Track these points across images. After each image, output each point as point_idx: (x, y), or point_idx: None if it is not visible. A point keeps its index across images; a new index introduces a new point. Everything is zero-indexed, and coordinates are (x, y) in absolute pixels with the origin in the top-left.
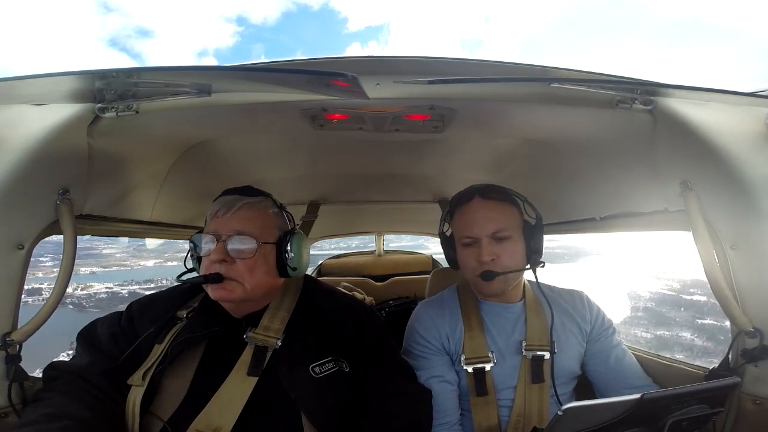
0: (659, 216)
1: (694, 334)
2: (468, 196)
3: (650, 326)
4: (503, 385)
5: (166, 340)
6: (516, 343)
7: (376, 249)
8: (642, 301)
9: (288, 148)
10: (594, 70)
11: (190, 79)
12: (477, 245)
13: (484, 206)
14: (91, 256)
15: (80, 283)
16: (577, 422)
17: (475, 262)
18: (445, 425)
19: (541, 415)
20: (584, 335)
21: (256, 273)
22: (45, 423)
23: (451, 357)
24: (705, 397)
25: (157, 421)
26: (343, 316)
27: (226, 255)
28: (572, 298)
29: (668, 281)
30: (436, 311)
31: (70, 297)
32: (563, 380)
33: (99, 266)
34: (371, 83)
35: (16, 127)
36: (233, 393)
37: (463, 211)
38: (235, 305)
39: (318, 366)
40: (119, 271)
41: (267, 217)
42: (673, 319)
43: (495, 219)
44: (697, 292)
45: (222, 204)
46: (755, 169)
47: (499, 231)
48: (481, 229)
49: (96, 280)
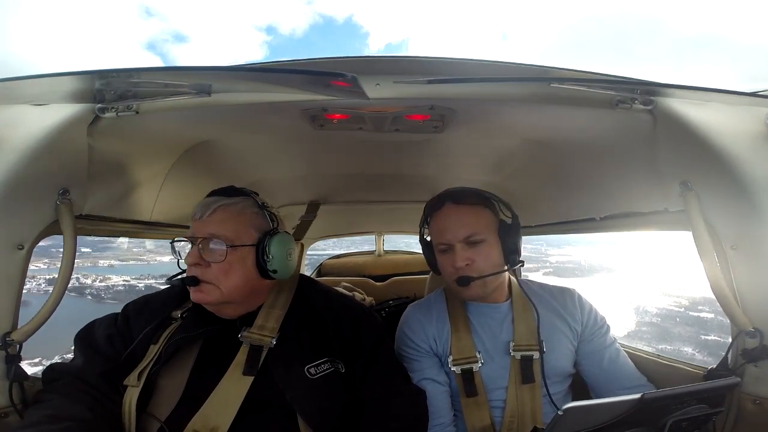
0: (659, 216)
1: (696, 349)
2: (440, 202)
3: (653, 341)
4: (493, 386)
5: (161, 340)
6: (504, 343)
7: (376, 249)
8: (649, 316)
9: (288, 148)
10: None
11: (190, 79)
12: (451, 251)
13: (455, 211)
14: (109, 249)
15: (99, 275)
16: (577, 422)
17: (451, 268)
18: (439, 426)
19: (535, 415)
20: (575, 334)
21: (232, 276)
22: (47, 424)
23: (440, 359)
24: (705, 397)
25: (155, 421)
26: (339, 317)
27: (200, 258)
28: (563, 296)
29: (677, 298)
30: (423, 314)
31: (90, 288)
32: (555, 380)
33: (117, 259)
34: (371, 83)
35: (16, 127)
36: (229, 393)
37: (436, 218)
38: (215, 308)
39: (314, 367)
40: (136, 265)
41: (244, 218)
42: (678, 334)
43: (467, 224)
44: (705, 309)
45: (200, 207)
46: (755, 169)
47: (472, 235)
48: (453, 235)
49: (114, 272)
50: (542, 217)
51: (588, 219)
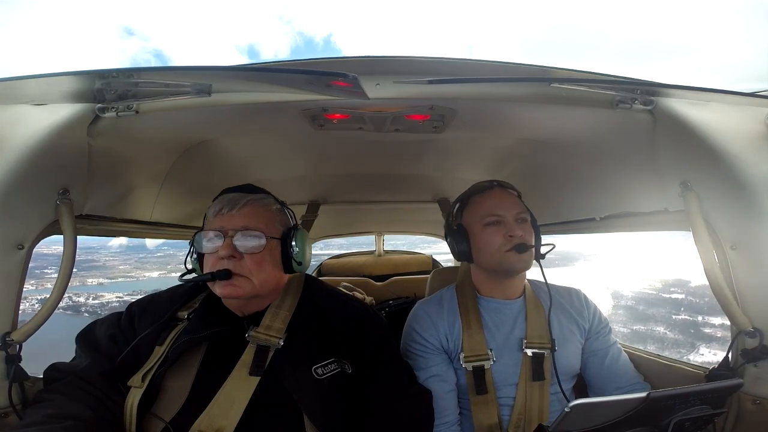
0: (659, 216)
1: (667, 328)
2: (488, 185)
3: (628, 323)
4: (503, 383)
5: (167, 341)
6: (516, 340)
7: (376, 249)
8: (624, 300)
9: (288, 148)
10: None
11: (190, 79)
12: (503, 224)
13: (504, 193)
14: (95, 267)
15: (90, 293)
16: (583, 419)
17: (502, 239)
18: (444, 425)
19: (542, 413)
20: (583, 333)
21: (264, 268)
22: (48, 423)
23: (449, 356)
24: (708, 397)
25: (158, 422)
26: (345, 317)
27: (234, 251)
28: (570, 295)
29: (651, 282)
30: (434, 310)
31: (84, 306)
32: (564, 378)
33: (105, 277)
34: (371, 83)
35: (16, 127)
36: (235, 393)
37: (483, 197)
38: (243, 302)
39: (321, 367)
40: (125, 282)
41: (271, 213)
42: (652, 315)
43: (516, 204)
44: (677, 291)
45: (226, 201)
46: (755, 169)
47: (520, 213)
48: (506, 210)
49: (105, 290)
50: (542, 217)
51: (588, 219)
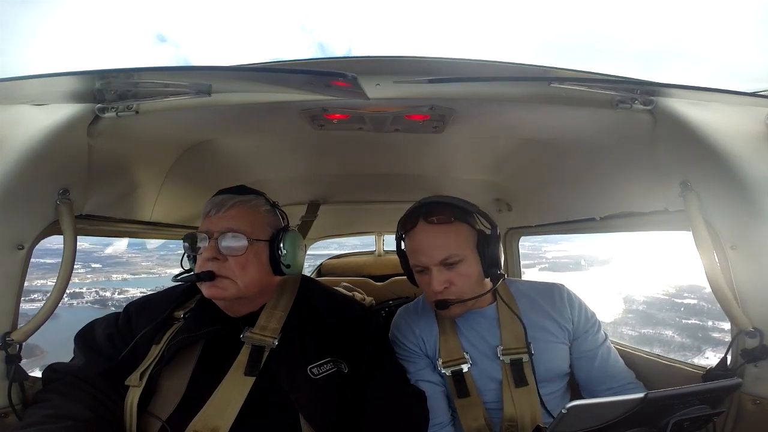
0: (659, 216)
1: (676, 332)
2: (412, 220)
3: (636, 326)
4: (486, 387)
5: (163, 340)
6: (493, 348)
7: (376, 249)
8: (636, 304)
9: (288, 148)
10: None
11: (190, 79)
12: (428, 273)
13: (429, 232)
14: (119, 264)
15: (116, 288)
16: (581, 420)
17: (429, 289)
18: (438, 426)
19: (534, 419)
20: (566, 332)
21: (248, 270)
22: (48, 423)
23: (431, 360)
24: (706, 397)
25: (156, 421)
26: (342, 317)
27: (217, 253)
28: (551, 293)
29: (665, 287)
30: (412, 316)
31: (111, 300)
32: (549, 380)
33: (128, 273)
34: (371, 83)
35: (16, 127)
36: (230, 393)
37: (410, 237)
38: (229, 303)
39: (316, 367)
40: (148, 278)
41: (258, 214)
42: (662, 319)
43: (443, 245)
44: (690, 296)
45: (214, 203)
46: (755, 169)
47: (448, 258)
48: (429, 258)
49: (129, 285)
50: (542, 217)
51: (588, 219)
